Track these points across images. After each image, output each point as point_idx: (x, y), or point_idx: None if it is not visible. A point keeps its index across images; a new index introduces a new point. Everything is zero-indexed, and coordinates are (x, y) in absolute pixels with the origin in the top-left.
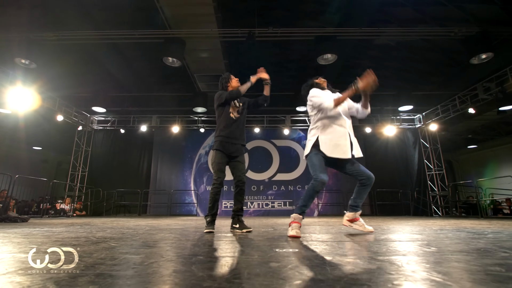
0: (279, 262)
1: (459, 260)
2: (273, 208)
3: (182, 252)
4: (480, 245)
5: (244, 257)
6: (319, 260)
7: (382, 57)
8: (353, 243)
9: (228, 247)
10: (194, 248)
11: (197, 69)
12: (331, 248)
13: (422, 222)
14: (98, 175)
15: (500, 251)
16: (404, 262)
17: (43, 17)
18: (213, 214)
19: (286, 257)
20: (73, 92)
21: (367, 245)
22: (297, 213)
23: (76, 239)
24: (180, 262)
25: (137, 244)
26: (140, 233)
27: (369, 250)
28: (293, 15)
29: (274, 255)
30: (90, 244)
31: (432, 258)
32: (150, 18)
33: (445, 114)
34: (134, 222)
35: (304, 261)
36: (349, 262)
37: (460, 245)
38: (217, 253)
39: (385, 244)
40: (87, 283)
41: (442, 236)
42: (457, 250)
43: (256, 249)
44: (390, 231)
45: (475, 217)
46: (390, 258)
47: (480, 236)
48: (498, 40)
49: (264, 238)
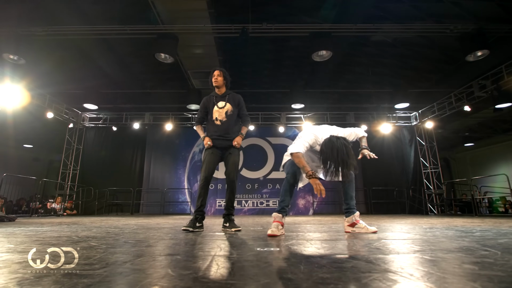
0: (255, 261)
1: (437, 258)
2: (268, 206)
3: (161, 251)
4: (464, 244)
5: (220, 257)
6: (296, 259)
7: (379, 54)
8: (337, 242)
9: (210, 247)
10: (174, 247)
11: (190, 65)
12: (313, 247)
13: (415, 221)
14: (90, 173)
15: (481, 250)
16: (381, 261)
17: (32, 11)
18: (196, 211)
19: (264, 256)
20: (64, 88)
21: (349, 244)
22: (277, 212)
23: (57, 238)
24: (155, 262)
25: (117, 244)
26: (126, 232)
27: (350, 249)
28: (288, 11)
29: (252, 254)
30: (69, 244)
31: (410, 257)
32: (142, 14)
33: (441, 111)
34: (124, 221)
35: (281, 260)
36: (325, 261)
37: (444, 243)
38: (196, 252)
39: (369, 243)
40: (52, 283)
41: (429, 235)
42: (439, 249)
43: (237, 248)
44: (379, 230)
45: (469, 215)
46: (368, 257)
47: (467, 234)
48: (494, 38)
49: (250, 237)
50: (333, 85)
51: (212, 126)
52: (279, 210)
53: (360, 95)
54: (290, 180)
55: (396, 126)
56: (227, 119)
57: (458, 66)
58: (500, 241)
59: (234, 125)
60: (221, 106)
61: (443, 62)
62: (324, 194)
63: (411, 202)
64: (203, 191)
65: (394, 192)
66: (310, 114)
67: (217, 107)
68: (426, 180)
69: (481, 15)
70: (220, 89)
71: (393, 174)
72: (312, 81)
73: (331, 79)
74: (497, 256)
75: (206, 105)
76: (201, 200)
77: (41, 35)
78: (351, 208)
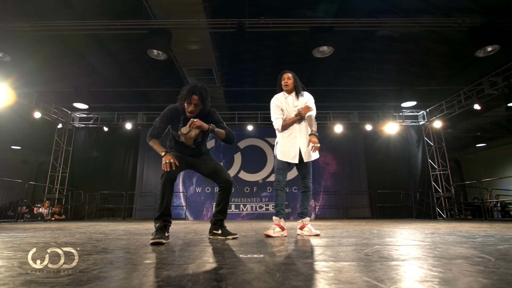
0: (231, 268)
1: (418, 267)
2: (267, 211)
3: (133, 259)
4: (460, 250)
5: (194, 265)
6: (276, 266)
7: (385, 49)
8: (326, 248)
9: (190, 253)
10: (150, 254)
11: (185, 62)
12: (299, 254)
13: (420, 226)
14: (80, 176)
15: (476, 256)
16: (355, 269)
17: (18, 6)
18: (160, 214)
19: (242, 263)
20: (52, 87)
21: (337, 252)
22: (274, 215)
23: (34, 245)
24: (120, 270)
25: (94, 250)
26: (109, 239)
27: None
28: (289, 5)
29: (231, 261)
30: (42, 251)
31: (386, 264)
32: (133, 8)
33: (450, 110)
34: (112, 227)
35: (260, 268)
36: (305, 268)
37: (438, 250)
38: (172, 260)
39: (356, 250)
40: None
41: (428, 241)
42: (430, 256)
43: (218, 255)
44: (379, 235)
45: (480, 219)
46: (343, 265)
47: (467, 240)
48: (505, 32)
49: (237, 243)
50: (337, 82)
51: (177, 144)
52: (275, 214)
53: (365, 92)
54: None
55: (403, 126)
56: (196, 146)
57: (468, 62)
58: (499, 247)
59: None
60: (185, 132)
61: (452, 58)
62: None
63: (419, 206)
64: (163, 193)
65: (400, 195)
66: None
67: (182, 132)
68: (434, 182)
69: (492, 8)
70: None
71: (400, 176)
72: (314, 78)
73: (335, 76)
74: (490, 263)
75: (172, 119)
76: (166, 202)
77: (27, 31)
78: (302, 213)
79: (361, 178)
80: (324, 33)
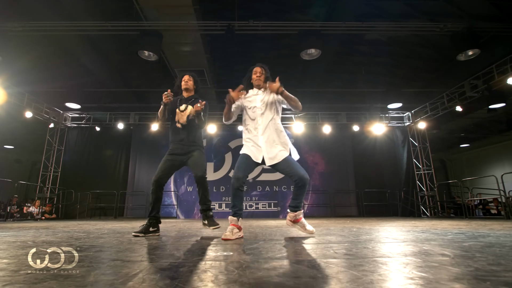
0: (195, 265)
1: (380, 264)
2: (258, 209)
3: (104, 257)
4: (426, 247)
5: (164, 261)
6: (238, 263)
7: (373, 52)
8: (296, 245)
9: (164, 251)
10: (122, 253)
11: (177, 63)
12: (268, 251)
13: (401, 223)
14: (72, 175)
15: (438, 254)
16: (323, 266)
17: (8, 6)
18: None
19: (209, 261)
20: (44, 87)
21: (304, 249)
22: (231, 215)
23: (11, 243)
24: (89, 267)
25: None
26: (90, 237)
27: (301, 253)
28: (279, 8)
29: (199, 258)
30: (14, 249)
31: (354, 261)
32: (124, 9)
33: (433, 112)
34: (100, 226)
35: (224, 265)
36: (267, 265)
37: (402, 247)
38: (144, 257)
39: (327, 247)
40: None
41: (401, 238)
42: (396, 253)
43: (188, 252)
44: (357, 233)
45: (461, 217)
46: (311, 261)
47: (438, 237)
48: (486, 37)
49: (213, 239)
50: (326, 84)
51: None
52: (233, 214)
53: (353, 94)
54: (233, 184)
55: (389, 127)
56: (187, 123)
57: (452, 65)
58: (464, 244)
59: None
60: (183, 109)
61: (437, 61)
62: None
63: (404, 205)
64: (154, 197)
65: (386, 194)
66: (301, 114)
67: (179, 110)
68: (419, 181)
69: (475, 14)
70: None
71: (386, 175)
72: (304, 80)
73: (324, 78)
74: (446, 261)
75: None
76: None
77: (18, 31)
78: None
79: (349, 177)
80: (311, 36)
